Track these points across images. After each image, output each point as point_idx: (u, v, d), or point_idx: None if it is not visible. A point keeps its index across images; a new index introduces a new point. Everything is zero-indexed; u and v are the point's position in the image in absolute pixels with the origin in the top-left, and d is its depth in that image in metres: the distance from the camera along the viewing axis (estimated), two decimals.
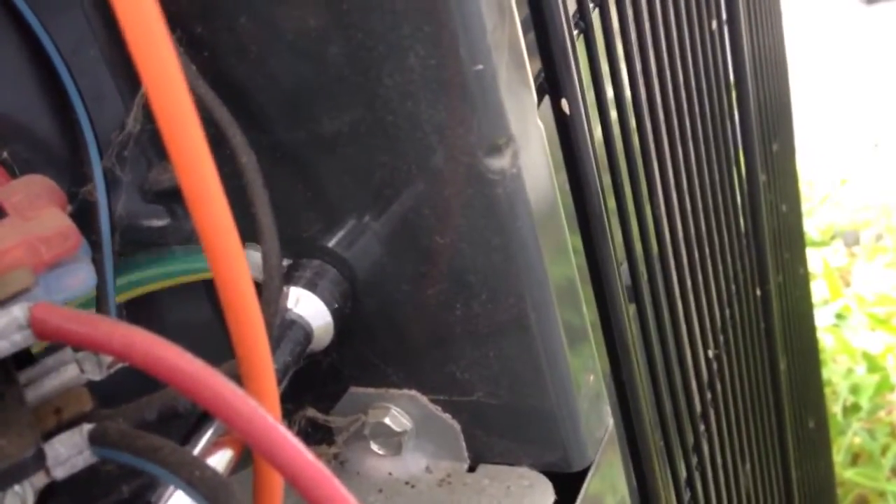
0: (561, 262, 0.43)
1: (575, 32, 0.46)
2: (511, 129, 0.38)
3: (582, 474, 0.46)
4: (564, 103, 0.44)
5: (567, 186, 0.47)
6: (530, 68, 0.41)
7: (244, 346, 0.31)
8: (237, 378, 0.35)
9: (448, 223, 0.41)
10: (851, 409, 1.82)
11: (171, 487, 0.35)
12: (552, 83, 0.44)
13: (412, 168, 0.40)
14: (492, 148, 0.38)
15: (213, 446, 0.34)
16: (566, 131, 0.45)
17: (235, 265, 0.29)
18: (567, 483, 0.46)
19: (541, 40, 0.44)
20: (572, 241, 0.46)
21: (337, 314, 0.44)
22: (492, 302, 0.42)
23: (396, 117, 0.39)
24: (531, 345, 0.43)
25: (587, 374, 0.46)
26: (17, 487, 0.32)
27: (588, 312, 0.47)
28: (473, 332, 0.43)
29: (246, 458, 0.34)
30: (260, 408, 0.29)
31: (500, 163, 0.39)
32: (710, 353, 0.70)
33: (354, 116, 0.40)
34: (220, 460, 0.33)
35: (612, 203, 0.52)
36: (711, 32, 0.73)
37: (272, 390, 0.32)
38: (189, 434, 0.36)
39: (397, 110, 0.39)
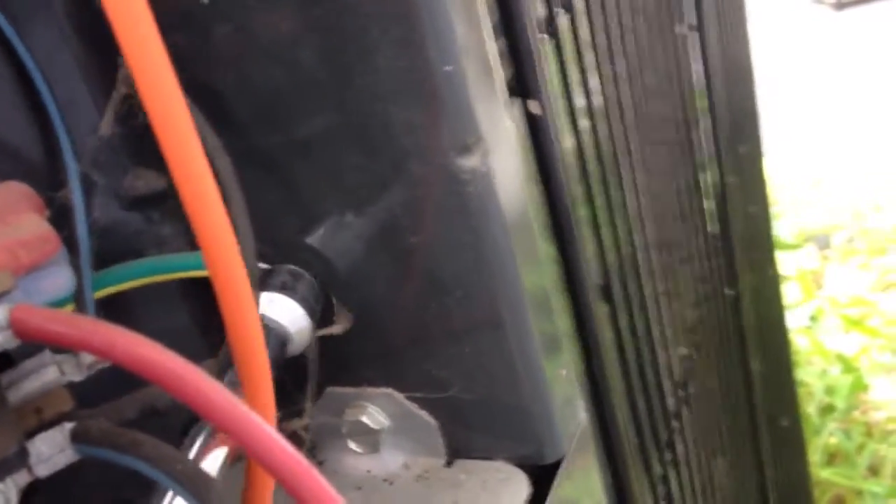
0: (532, 259, 0.44)
1: (544, 36, 0.47)
2: (481, 129, 0.39)
3: (556, 467, 0.47)
4: (533, 104, 0.45)
5: (538, 188, 0.48)
6: (501, 72, 0.42)
7: (239, 340, 0.31)
8: (217, 377, 0.36)
9: (421, 222, 0.42)
10: (826, 410, 1.84)
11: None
12: (521, 85, 0.45)
13: (385, 169, 0.41)
14: (462, 148, 0.39)
15: (212, 440, 0.35)
16: (536, 132, 0.46)
17: (231, 262, 0.30)
18: (542, 476, 0.47)
19: (510, 43, 0.45)
20: (544, 241, 0.47)
21: (314, 317, 0.44)
22: (465, 299, 0.43)
23: (368, 119, 0.40)
24: (504, 341, 0.44)
25: (560, 368, 0.46)
26: (0, 485, 0.32)
27: (560, 307, 0.48)
28: (448, 329, 0.44)
29: None
30: (240, 402, 0.30)
31: (470, 162, 0.40)
32: (683, 352, 0.71)
33: (327, 119, 0.40)
34: (218, 454, 0.34)
35: (583, 205, 0.53)
36: (681, 37, 0.74)
37: (267, 387, 0.33)
38: (187, 426, 0.36)
39: (369, 112, 0.39)
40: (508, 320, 0.43)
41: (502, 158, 0.41)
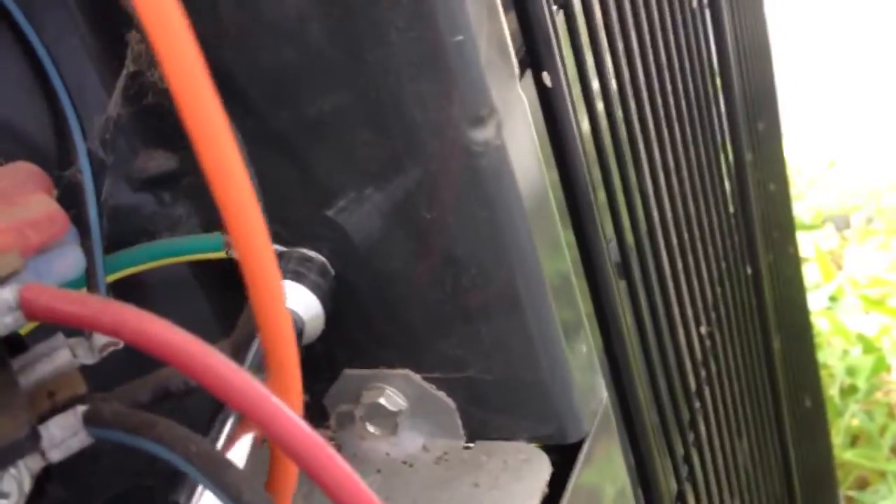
0: (549, 234, 0.44)
1: (554, 8, 0.47)
2: (493, 101, 0.39)
3: (578, 446, 0.46)
4: (546, 76, 0.44)
5: (553, 163, 0.47)
6: (512, 44, 0.42)
7: (265, 317, 0.31)
8: (232, 356, 0.35)
9: (435, 198, 0.41)
10: (848, 391, 1.82)
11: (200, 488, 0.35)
12: (533, 57, 0.44)
13: (397, 144, 0.40)
14: (475, 120, 0.39)
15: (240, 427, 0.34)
16: (549, 105, 0.45)
17: (257, 234, 0.30)
18: (565, 456, 0.46)
19: (521, 15, 0.44)
20: (560, 216, 0.46)
21: (326, 303, 0.44)
22: (481, 276, 0.42)
23: (379, 93, 0.39)
24: (522, 318, 0.43)
25: (579, 345, 0.46)
26: (12, 470, 0.32)
27: (578, 286, 0.47)
28: (465, 307, 0.43)
29: None
30: (252, 378, 0.29)
31: (483, 134, 0.39)
32: (703, 330, 0.70)
33: (337, 95, 0.40)
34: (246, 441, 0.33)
35: (599, 184, 0.53)
36: (692, 10, 0.73)
37: (294, 368, 0.32)
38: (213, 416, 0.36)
39: (380, 86, 0.39)
40: (525, 296, 0.42)
41: (516, 131, 0.40)
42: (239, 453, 0.33)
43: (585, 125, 0.50)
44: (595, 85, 0.52)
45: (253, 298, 0.30)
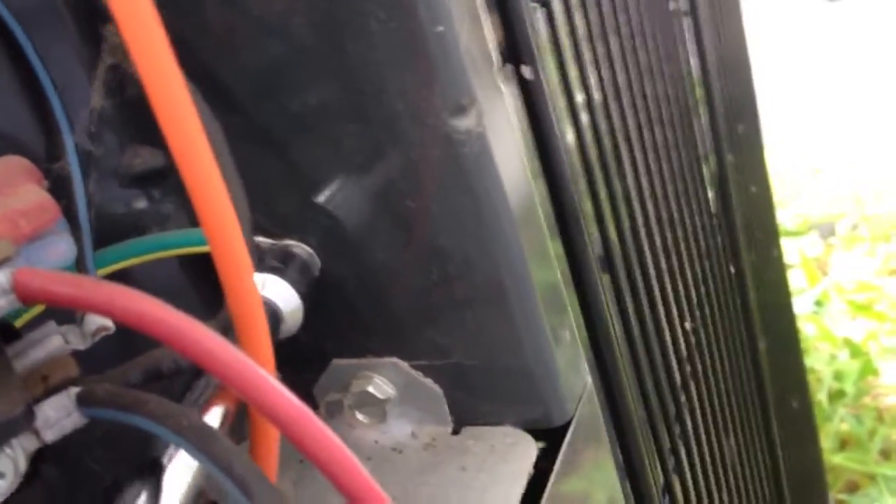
0: (532, 222, 0.44)
1: (536, 6, 0.48)
2: (474, 90, 0.40)
3: (564, 429, 0.47)
4: (526, 68, 0.45)
5: (536, 155, 0.48)
6: (493, 36, 0.43)
7: (236, 299, 0.32)
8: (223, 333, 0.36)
9: (419, 187, 0.42)
10: (836, 395, 1.83)
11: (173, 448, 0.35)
12: (513, 51, 0.45)
13: (380, 134, 0.41)
14: (456, 109, 0.40)
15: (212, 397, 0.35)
16: (529, 97, 0.46)
17: (230, 231, 0.30)
18: (553, 441, 0.47)
19: (502, 10, 0.45)
20: (543, 205, 0.47)
21: (306, 297, 0.44)
22: (466, 263, 0.43)
23: (361, 84, 0.40)
24: (506, 304, 0.44)
25: (563, 331, 0.47)
26: (8, 451, 0.32)
27: (562, 274, 0.48)
28: (450, 295, 0.44)
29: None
30: (240, 352, 0.30)
31: (465, 123, 0.40)
32: (688, 325, 0.71)
33: (321, 87, 0.41)
34: (218, 410, 0.34)
35: (582, 179, 0.53)
36: (674, 15, 0.74)
37: (265, 342, 0.33)
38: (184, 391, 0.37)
39: (362, 77, 0.40)
40: (509, 283, 0.43)
41: (497, 120, 0.41)
42: (212, 420, 0.34)
43: (568, 127, 0.51)
44: (577, 86, 0.53)
45: (220, 271, 0.31)
